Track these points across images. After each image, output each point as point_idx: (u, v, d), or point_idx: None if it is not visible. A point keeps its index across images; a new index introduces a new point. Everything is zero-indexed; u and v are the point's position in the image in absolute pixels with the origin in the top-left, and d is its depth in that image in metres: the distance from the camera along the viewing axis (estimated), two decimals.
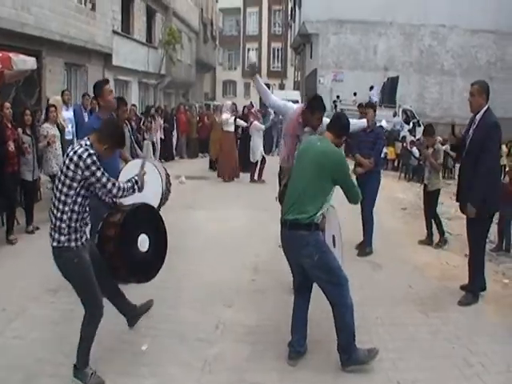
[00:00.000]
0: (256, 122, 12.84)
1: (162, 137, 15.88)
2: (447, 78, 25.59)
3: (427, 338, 4.31)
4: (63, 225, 3.35)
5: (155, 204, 5.07)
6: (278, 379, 3.67)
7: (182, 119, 17.53)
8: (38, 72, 11.52)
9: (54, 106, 8.41)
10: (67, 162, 3.32)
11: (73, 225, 3.37)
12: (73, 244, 3.39)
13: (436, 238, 7.44)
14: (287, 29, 43.20)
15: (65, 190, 3.33)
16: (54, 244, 3.42)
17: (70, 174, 3.31)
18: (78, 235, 3.42)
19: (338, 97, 22.89)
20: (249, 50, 49.23)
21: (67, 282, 5.09)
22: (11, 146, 6.78)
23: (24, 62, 8.56)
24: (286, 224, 3.77)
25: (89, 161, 3.29)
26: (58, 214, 3.36)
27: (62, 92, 10.26)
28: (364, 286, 5.31)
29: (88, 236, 3.62)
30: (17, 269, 5.78)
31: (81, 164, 3.28)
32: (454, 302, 5.13)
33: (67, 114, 9.64)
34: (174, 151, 17.23)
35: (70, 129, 9.54)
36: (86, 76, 15.78)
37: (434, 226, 7.45)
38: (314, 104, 4.98)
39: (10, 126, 7.01)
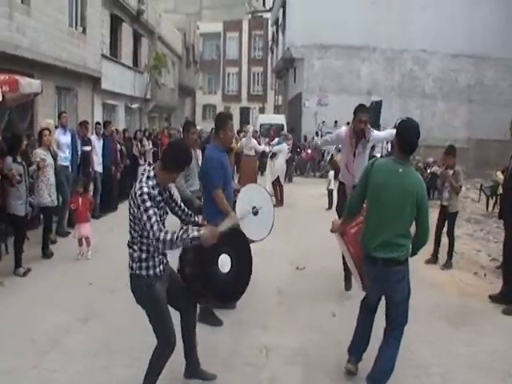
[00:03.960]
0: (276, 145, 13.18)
1: (152, 161, 15.72)
2: (428, 102, 26.24)
3: (466, 353, 4.42)
4: (135, 254, 3.30)
5: (267, 230, 5.00)
6: None
7: (165, 143, 17.30)
8: None
9: (47, 129, 7.63)
10: (131, 194, 3.23)
11: (144, 255, 3.29)
12: (143, 272, 3.30)
13: (440, 257, 7.57)
14: (268, 53, 43.90)
15: (131, 222, 3.27)
16: (129, 269, 3.37)
17: (131, 209, 3.22)
18: (151, 263, 3.31)
19: (323, 122, 23.34)
20: (229, 74, 49.90)
21: (96, 311, 5.13)
22: None
23: (30, 85, 8.48)
24: (376, 260, 3.62)
25: (141, 205, 3.12)
26: (130, 242, 3.33)
27: (60, 114, 9.83)
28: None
29: (166, 262, 3.50)
30: (38, 298, 5.63)
31: (136, 202, 3.16)
32: (480, 315, 5.34)
33: (64, 139, 9.07)
34: None
35: (67, 154, 9.00)
36: (76, 100, 15.71)
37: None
38: (356, 109, 5.61)
39: None
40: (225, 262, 3.63)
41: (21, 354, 4.20)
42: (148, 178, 3.23)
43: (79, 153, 9.79)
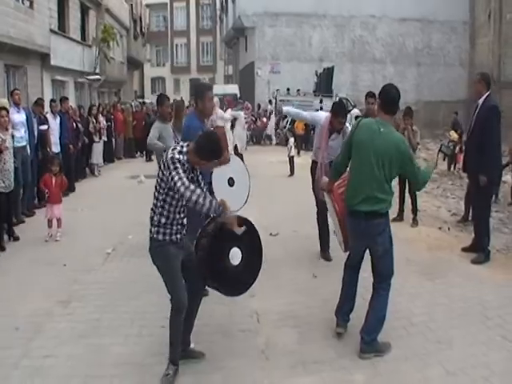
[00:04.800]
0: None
1: (106, 139, 14.87)
2: (378, 66, 26.72)
3: (443, 302, 4.74)
4: (155, 217, 3.47)
5: (243, 199, 5.19)
6: (336, 356, 3.86)
7: (119, 119, 16.84)
8: None
9: (4, 108, 7.10)
10: (163, 159, 3.40)
11: (163, 220, 3.45)
12: (160, 237, 3.47)
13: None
14: (216, 23, 43.20)
15: (157, 186, 3.45)
16: (149, 234, 3.54)
17: (160, 172, 3.38)
18: (168, 231, 3.47)
19: (277, 90, 23.38)
20: (177, 45, 48.91)
21: (76, 292, 5.06)
22: None
23: None
24: (359, 214, 3.81)
25: (171, 165, 3.30)
26: (153, 206, 3.50)
27: (12, 92, 9.22)
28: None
29: (183, 236, 3.59)
30: (13, 284, 5.44)
31: (166, 164, 3.33)
32: (452, 267, 5.72)
33: (19, 117, 8.52)
34: None
35: (23, 134, 8.43)
36: (26, 77, 15.09)
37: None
38: (336, 109, 5.65)
39: None
40: (236, 255, 3.67)
41: (6, 345, 4.02)
42: (180, 152, 3.38)
43: (35, 132, 9.42)
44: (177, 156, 3.34)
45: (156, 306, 4.54)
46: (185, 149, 3.41)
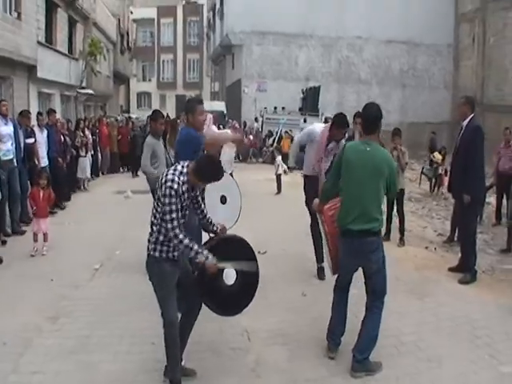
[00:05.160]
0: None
1: (92, 152, 14.81)
2: (364, 87, 27.11)
3: (432, 321, 4.80)
4: (153, 235, 3.51)
5: (235, 217, 5.26)
6: (328, 374, 3.88)
7: (104, 133, 16.65)
8: None
9: None
10: (162, 178, 3.43)
11: (161, 238, 3.47)
12: (157, 254, 3.49)
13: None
14: (203, 40, 43.52)
15: (155, 203, 3.49)
16: (147, 250, 3.57)
17: (159, 191, 3.41)
18: (165, 248, 3.49)
19: (265, 108, 23.62)
20: (163, 61, 49.09)
21: (64, 308, 5.00)
22: None
23: None
24: (351, 233, 3.86)
25: (167, 191, 3.33)
26: (151, 223, 3.51)
27: None
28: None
29: (180, 254, 3.57)
30: (0, 297, 5.36)
31: (162, 189, 3.35)
32: (439, 286, 5.80)
33: (6, 130, 8.32)
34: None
35: (9, 147, 8.27)
36: (12, 89, 14.97)
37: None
38: (338, 121, 5.68)
39: None
40: (230, 275, 3.68)
41: None
42: (181, 173, 3.42)
43: (22, 145, 9.25)
44: (175, 186, 3.33)
45: (146, 322, 4.52)
46: (185, 169, 3.44)
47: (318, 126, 6.25)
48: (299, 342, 4.36)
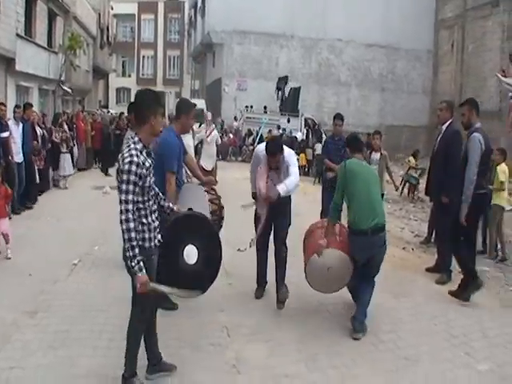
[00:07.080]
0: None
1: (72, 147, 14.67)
2: (343, 89, 27.37)
3: (410, 320, 4.90)
4: (136, 223, 3.28)
5: None
6: (307, 369, 3.92)
7: (81, 127, 16.26)
8: None
9: None
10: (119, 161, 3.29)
11: (140, 227, 3.32)
12: (147, 244, 3.36)
13: None
14: (184, 37, 43.31)
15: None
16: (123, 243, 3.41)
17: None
18: (152, 235, 3.38)
19: (246, 106, 23.67)
20: (143, 57, 48.69)
21: (44, 302, 4.93)
22: None
23: None
24: (367, 231, 4.47)
25: (126, 167, 3.19)
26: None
27: None
28: None
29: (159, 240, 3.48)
30: None
31: (120, 167, 3.22)
32: (417, 286, 5.94)
33: None
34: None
35: None
36: None
37: None
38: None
39: None
40: (191, 253, 3.57)
41: None
42: (134, 143, 3.30)
43: None
44: (133, 153, 3.21)
45: (125, 318, 4.42)
46: (136, 138, 3.34)
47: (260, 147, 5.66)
48: (279, 339, 4.39)
